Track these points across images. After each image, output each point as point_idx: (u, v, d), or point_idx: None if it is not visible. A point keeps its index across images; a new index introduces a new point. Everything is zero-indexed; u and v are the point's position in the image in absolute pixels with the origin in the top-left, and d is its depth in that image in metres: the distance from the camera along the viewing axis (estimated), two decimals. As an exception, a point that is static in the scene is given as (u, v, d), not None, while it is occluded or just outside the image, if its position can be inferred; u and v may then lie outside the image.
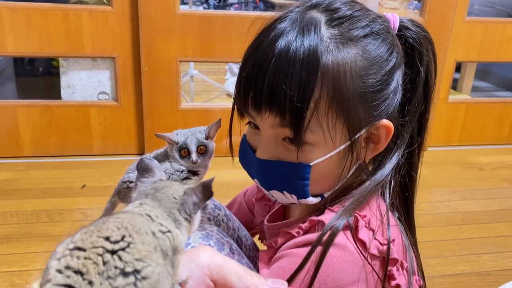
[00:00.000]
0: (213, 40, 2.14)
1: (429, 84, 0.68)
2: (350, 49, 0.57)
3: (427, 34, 0.67)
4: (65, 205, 1.78)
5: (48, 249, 1.49)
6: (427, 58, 0.66)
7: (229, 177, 0.87)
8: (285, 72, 0.55)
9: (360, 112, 0.59)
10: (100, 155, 2.25)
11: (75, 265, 0.36)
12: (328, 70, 0.56)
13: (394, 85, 0.61)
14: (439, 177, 2.21)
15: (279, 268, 0.62)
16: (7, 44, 2.02)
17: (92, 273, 0.35)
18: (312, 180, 0.62)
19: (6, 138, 2.16)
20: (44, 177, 2.03)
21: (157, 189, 0.47)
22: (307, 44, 0.56)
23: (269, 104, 0.57)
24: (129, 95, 2.20)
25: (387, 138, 0.62)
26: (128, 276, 0.36)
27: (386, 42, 0.61)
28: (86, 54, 2.12)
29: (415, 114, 0.67)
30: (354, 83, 0.57)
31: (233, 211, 1.01)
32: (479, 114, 2.59)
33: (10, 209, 1.73)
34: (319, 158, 0.60)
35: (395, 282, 0.60)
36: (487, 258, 1.58)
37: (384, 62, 0.60)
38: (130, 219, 0.40)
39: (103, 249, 0.37)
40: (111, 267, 0.36)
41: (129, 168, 0.85)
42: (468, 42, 2.42)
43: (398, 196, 0.69)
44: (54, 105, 2.19)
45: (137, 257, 0.37)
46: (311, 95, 0.56)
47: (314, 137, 0.58)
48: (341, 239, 0.58)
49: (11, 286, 1.33)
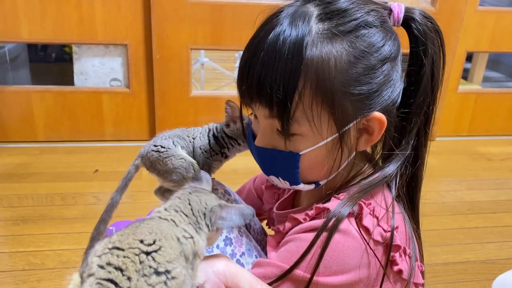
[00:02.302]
0: (224, 28, 2.15)
1: (434, 77, 0.66)
2: (336, 43, 0.58)
3: (435, 26, 0.66)
4: (79, 189, 1.83)
5: (62, 231, 1.54)
6: (432, 51, 0.65)
7: (238, 164, 0.89)
8: (271, 65, 0.58)
9: (346, 105, 0.59)
10: (112, 141, 2.29)
11: (116, 262, 0.40)
12: (312, 63, 0.57)
13: (385, 78, 0.61)
14: (446, 167, 2.22)
15: (286, 252, 0.64)
16: (22, 31, 2.06)
17: (131, 270, 0.40)
18: (303, 168, 0.65)
19: (21, 123, 2.21)
20: (58, 161, 2.07)
21: (194, 192, 0.53)
22: (294, 37, 0.57)
23: (258, 96, 0.61)
24: (140, 82, 2.23)
25: (380, 130, 0.63)
26: (160, 275, 0.40)
27: (378, 34, 0.60)
28: (99, 41, 2.14)
29: (421, 106, 0.67)
30: (339, 76, 0.58)
31: (243, 197, 1.04)
32: (489, 105, 2.58)
33: (26, 192, 1.78)
34: (307, 148, 0.63)
35: (397, 267, 0.62)
36: (491, 247, 1.60)
37: (372, 55, 0.60)
38: (158, 225, 0.45)
39: (139, 250, 0.42)
40: (146, 266, 0.41)
41: (163, 134, 0.85)
42: (479, 32, 2.41)
43: (403, 185, 0.70)
44: (68, 91, 2.23)
45: (168, 259, 0.42)
46: (295, 87, 0.58)
47: (301, 128, 0.61)
48: (345, 225, 0.61)
49: (27, 265, 1.38)
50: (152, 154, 0.81)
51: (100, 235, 0.78)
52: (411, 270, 0.63)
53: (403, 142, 0.67)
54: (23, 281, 1.31)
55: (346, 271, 0.60)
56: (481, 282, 1.41)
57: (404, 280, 0.63)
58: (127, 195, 1.79)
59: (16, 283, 1.31)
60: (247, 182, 1.08)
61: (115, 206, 0.83)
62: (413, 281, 0.64)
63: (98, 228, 0.80)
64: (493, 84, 3.34)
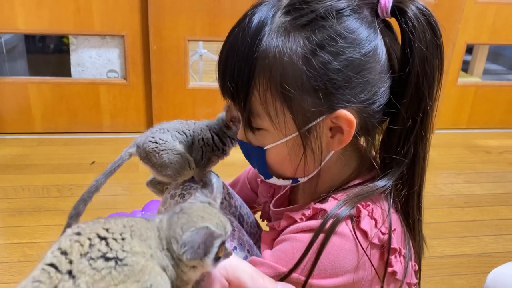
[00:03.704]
0: (222, 19, 2.14)
1: (427, 75, 0.60)
2: (292, 37, 0.56)
3: (430, 19, 0.59)
4: (75, 181, 1.83)
5: (58, 223, 1.54)
6: (421, 45, 0.58)
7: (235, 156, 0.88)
8: (231, 59, 0.59)
9: (304, 102, 0.57)
10: (109, 133, 2.28)
11: (63, 246, 0.37)
12: (266, 56, 0.56)
13: (351, 74, 0.57)
14: (444, 160, 2.21)
15: (280, 252, 0.64)
16: (18, 21, 2.04)
17: (75, 253, 0.36)
18: (271, 163, 0.65)
19: (18, 114, 2.20)
20: (55, 153, 2.07)
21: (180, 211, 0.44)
22: (252, 31, 0.57)
23: (223, 90, 0.62)
24: (138, 73, 2.22)
25: (349, 130, 0.59)
26: (108, 261, 0.36)
27: (343, 26, 0.56)
28: (96, 32, 2.13)
29: (412, 108, 0.61)
30: (294, 72, 0.56)
31: (237, 189, 1.03)
32: (488, 97, 2.57)
33: (22, 183, 1.78)
34: (272, 143, 0.62)
35: (392, 269, 0.61)
36: (488, 240, 1.60)
37: (332, 50, 0.56)
38: (143, 228, 0.40)
39: (96, 234, 0.38)
40: (95, 250, 0.37)
41: (161, 126, 0.83)
42: (479, 24, 2.39)
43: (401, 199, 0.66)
44: (65, 82, 2.22)
45: (125, 249, 0.37)
46: (250, 81, 0.57)
47: (263, 123, 0.61)
48: (343, 227, 0.60)
49: (23, 256, 1.38)
50: (149, 145, 0.80)
51: (79, 215, 0.77)
52: (405, 271, 0.63)
53: (400, 148, 0.63)
54: (19, 273, 1.31)
55: (341, 273, 0.59)
56: (477, 275, 1.41)
57: (398, 280, 0.63)
58: (124, 187, 1.80)
59: (12, 274, 1.31)
60: (241, 174, 1.07)
61: (99, 188, 0.82)
62: (407, 281, 0.64)
63: (77, 207, 0.79)
64: (494, 77, 3.32)
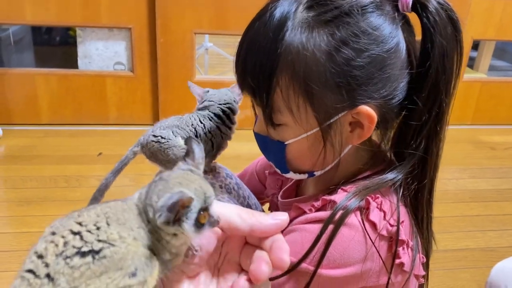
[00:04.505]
0: (229, 13, 2.14)
1: (447, 70, 0.60)
2: (315, 33, 0.56)
3: (450, 14, 0.59)
4: (82, 172, 1.84)
5: (66, 213, 1.55)
6: (443, 42, 0.59)
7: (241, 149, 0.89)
8: (252, 52, 0.58)
9: (326, 98, 0.57)
10: (115, 125, 2.30)
11: (39, 249, 0.35)
12: (289, 51, 0.56)
13: (373, 70, 0.57)
14: (449, 155, 2.21)
15: (290, 242, 0.63)
16: (26, 13, 2.05)
17: (50, 255, 0.34)
18: (290, 158, 0.65)
19: (25, 105, 2.22)
20: (61, 144, 2.09)
21: (159, 179, 0.40)
22: (274, 25, 0.57)
23: (244, 86, 0.62)
24: (144, 66, 2.23)
25: (370, 125, 0.59)
26: (85, 256, 0.34)
27: (367, 23, 0.56)
28: (103, 24, 2.14)
29: (429, 102, 0.62)
30: (317, 67, 0.56)
31: (245, 181, 1.04)
32: (493, 94, 2.56)
33: (30, 174, 1.80)
34: (292, 138, 0.62)
35: (399, 260, 0.62)
36: (492, 234, 1.61)
37: (356, 46, 0.56)
38: (119, 212, 0.37)
39: (69, 231, 0.35)
40: (70, 247, 0.34)
41: (160, 124, 0.84)
42: (486, 20, 2.38)
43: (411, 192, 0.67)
44: (71, 74, 2.23)
45: (102, 238, 0.35)
46: (272, 76, 0.57)
47: (284, 118, 0.61)
48: (352, 219, 0.60)
49: (31, 245, 1.39)
50: (153, 144, 0.81)
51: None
52: (412, 263, 0.63)
53: (412, 142, 0.63)
54: (27, 261, 1.33)
55: (350, 264, 0.60)
56: (481, 269, 1.42)
57: (405, 272, 0.63)
58: (130, 178, 1.81)
59: (21, 262, 1.31)
60: (249, 166, 1.08)
61: (108, 186, 0.84)
62: (415, 273, 0.65)
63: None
64: (499, 73, 3.31)
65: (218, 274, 0.41)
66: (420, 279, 0.67)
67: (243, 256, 0.40)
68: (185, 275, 0.39)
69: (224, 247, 0.41)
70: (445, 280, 1.37)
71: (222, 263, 0.41)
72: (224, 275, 0.41)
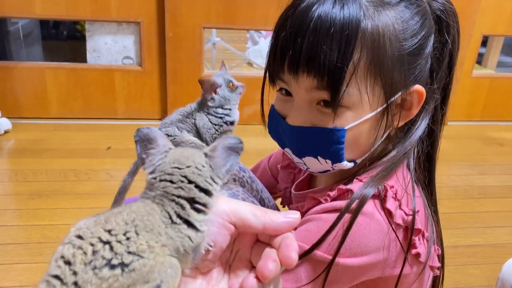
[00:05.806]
0: (237, 7, 2.13)
1: (453, 56, 0.68)
2: (388, 13, 0.59)
3: (452, 7, 0.67)
4: (91, 165, 1.85)
5: (77, 206, 1.56)
6: (453, 30, 0.66)
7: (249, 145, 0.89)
8: (325, 33, 0.56)
9: (396, 76, 0.60)
10: (124, 119, 2.30)
11: (67, 254, 0.34)
12: (367, 34, 0.57)
13: (427, 51, 0.62)
14: (458, 152, 2.21)
15: (306, 231, 0.64)
16: (36, 7, 2.06)
17: (78, 263, 0.34)
18: (347, 144, 0.63)
19: (34, 99, 2.23)
20: (71, 138, 2.09)
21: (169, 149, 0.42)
22: (346, 7, 0.57)
23: (307, 65, 0.58)
24: (153, 60, 2.23)
25: (419, 103, 0.63)
26: (114, 269, 0.34)
27: (420, 8, 0.61)
28: (112, 18, 2.14)
29: (441, 83, 0.68)
30: (392, 46, 0.58)
31: (257, 175, 1.04)
32: (502, 90, 2.55)
33: (40, 167, 1.81)
34: (354, 121, 0.61)
35: (416, 250, 0.62)
36: (502, 231, 1.60)
37: (419, 28, 0.60)
38: (145, 216, 0.37)
39: (98, 239, 0.35)
40: (99, 257, 0.34)
41: (164, 122, 0.85)
42: (496, 15, 2.36)
43: (420, 166, 0.70)
44: (80, 68, 2.24)
45: (131, 249, 0.35)
46: (351, 57, 0.56)
47: (350, 100, 0.59)
48: (369, 207, 0.60)
49: (43, 238, 1.40)
50: None
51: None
52: (428, 253, 0.63)
53: (421, 117, 0.67)
54: (39, 253, 1.34)
55: (367, 253, 0.60)
56: (491, 265, 1.42)
57: (421, 263, 0.63)
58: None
59: (32, 255, 1.33)
60: (261, 161, 1.08)
61: (128, 188, 0.85)
62: (430, 264, 0.65)
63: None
64: (508, 69, 3.29)
65: (230, 271, 0.41)
66: (435, 270, 0.68)
67: (253, 254, 0.40)
68: (198, 271, 0.39)
69: (236, 244, 0.41)
70: (455, 276, 1.37)
71: (234, 260, 0.41)
72: (235, 271, 0.41)
